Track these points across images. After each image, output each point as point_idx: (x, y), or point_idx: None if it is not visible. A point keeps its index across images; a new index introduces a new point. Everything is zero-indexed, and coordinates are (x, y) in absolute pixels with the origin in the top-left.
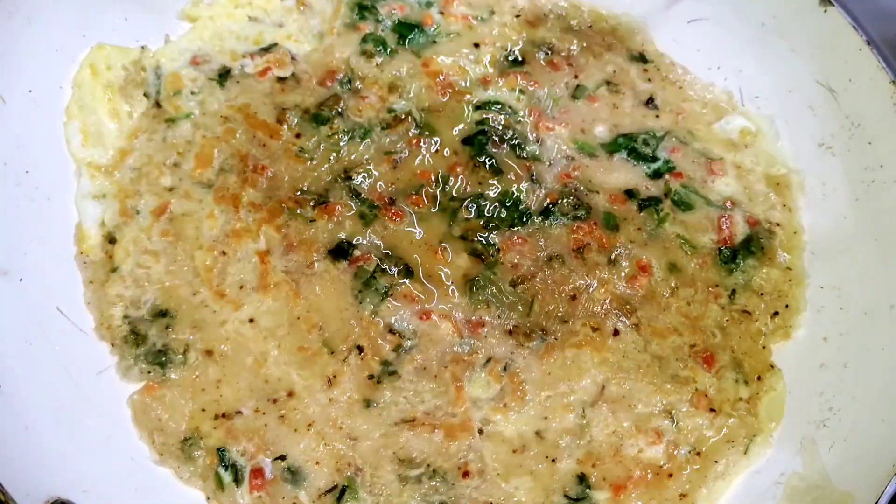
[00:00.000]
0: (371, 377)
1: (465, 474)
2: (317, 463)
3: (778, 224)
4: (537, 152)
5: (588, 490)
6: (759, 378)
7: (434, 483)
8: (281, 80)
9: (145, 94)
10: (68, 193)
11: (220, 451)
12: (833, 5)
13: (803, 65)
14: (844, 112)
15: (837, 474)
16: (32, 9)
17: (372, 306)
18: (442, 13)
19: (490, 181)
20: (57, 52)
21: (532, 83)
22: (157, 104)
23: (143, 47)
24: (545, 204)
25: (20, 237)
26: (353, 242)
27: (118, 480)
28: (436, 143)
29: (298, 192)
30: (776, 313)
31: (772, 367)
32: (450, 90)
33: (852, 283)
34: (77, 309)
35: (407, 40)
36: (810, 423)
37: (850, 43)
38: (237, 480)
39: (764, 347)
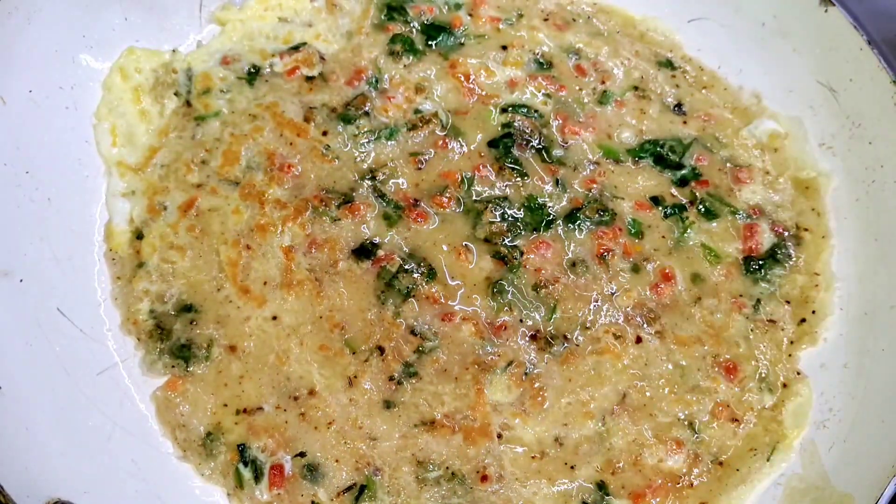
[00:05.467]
0: (392, 378)
1: (484, 478)
2: (336, 461)
3: (807, 229)
4: (563, 156)
5: (607, 497)
6: (784, 385)
7: (452, 486)
8: (309, 79)
9: (176, 94)
10: (69, 195)
11: (241, 448)
12: (833, 5)
13: (804, 64)
14: (845, 112)
15: (837, 475)
16: (32, 8)
17: (394, 307)
18: (471, 15)
19: (515, 184)
20: (56, 52)
21: (559, 87)
22: (188, 103)
23: (173, 50)
24: (570, 209)
25: (20, 238)
26: (377, 242)
27: (118, 481)
28: (461, 145)
29: (324, 191)
30: (803, 320)
31: (798, 373)
32: (476, 92)
33: (852, 283)
34: (77, 310)
35: (435, 42)
36: (810, 423)
37: (850, 43)
38: (257, 477)
39: (790, 355)
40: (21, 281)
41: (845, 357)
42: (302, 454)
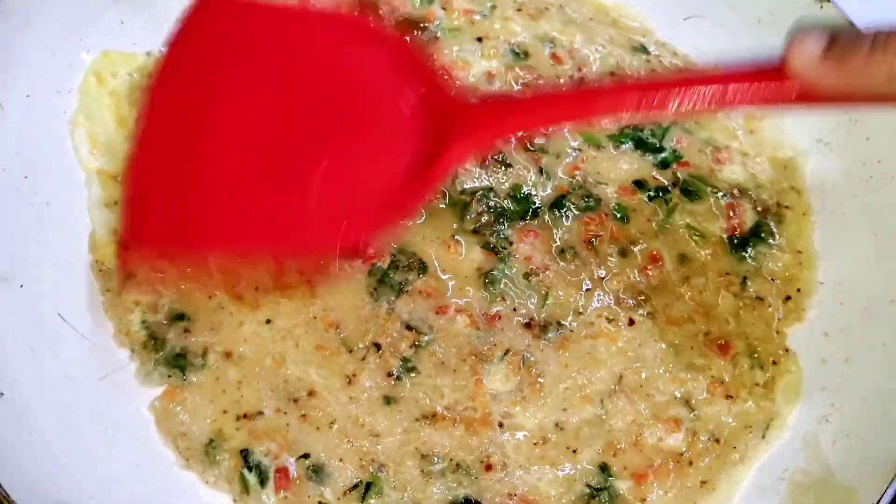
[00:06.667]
0: (390, 374)
1: (488, 467)
2: (340, 460)
3: (787, 207)
4: (545, 144)
5: (610, 479)
6: (774, 362)
7: (457, 476)
8: None
9: None
10: (68, 199)
11: (244, 453)
12: (829, 1)
13: None
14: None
15: (840, 469)
16: (29, 11)
17: (387, 303)
18: (444, 9)
19: (499, 174)
20: (54, 55)
21: (537, 76)
22: None
23: (148, 53)
24: (555, 196)
25: (20, 243)
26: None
27: (122, 486)
28: None
29: None
30: (788, 297)
31: (786, 350)
32: (454, 85)
33: (852, 278)
34: (78, 314)
35: (409, 37)
36: (813, 418)
37: None
38: (262, 482)
39: (778, 332)
40: (21, 286)
41: (846, 352)
42: (306, 456)
